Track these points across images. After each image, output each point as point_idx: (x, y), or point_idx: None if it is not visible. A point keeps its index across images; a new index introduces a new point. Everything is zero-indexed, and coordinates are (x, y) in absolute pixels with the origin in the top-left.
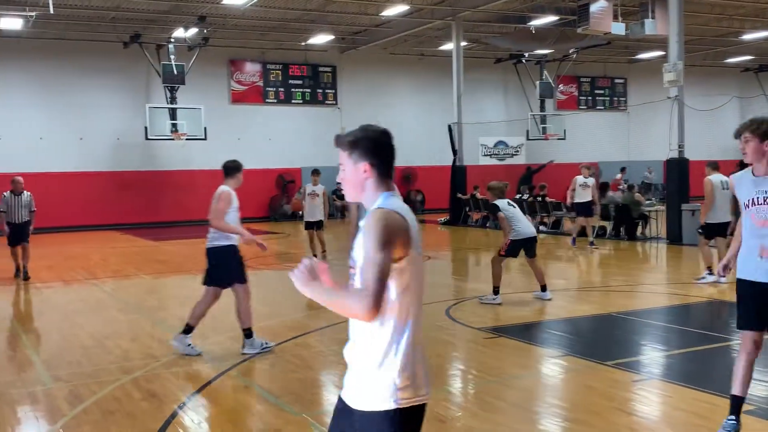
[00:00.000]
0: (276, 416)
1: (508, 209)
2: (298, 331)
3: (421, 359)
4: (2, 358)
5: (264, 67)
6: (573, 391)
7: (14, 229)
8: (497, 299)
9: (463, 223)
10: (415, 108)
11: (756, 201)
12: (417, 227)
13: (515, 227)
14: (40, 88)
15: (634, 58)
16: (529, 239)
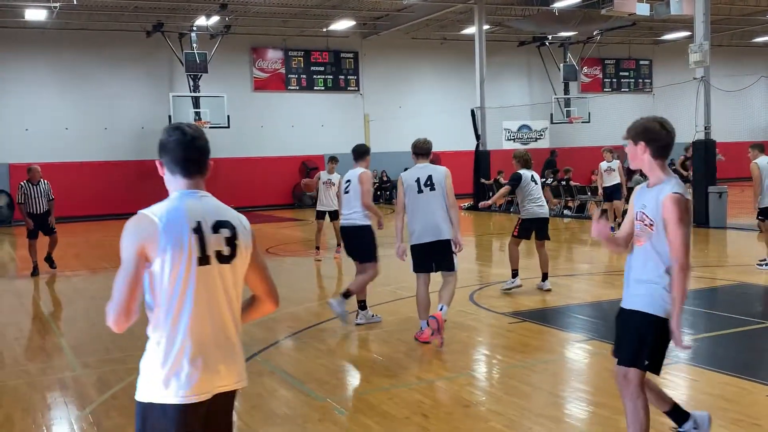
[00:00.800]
0: (301, 401)
1: (528, 184)
2: (322, 317)
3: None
4: (32, 345)
5: (286, 54)
6: (598, 375)
7: (35, 220)
8: (516, 281)
9: (486, 208)
10: (438, 93)
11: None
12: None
13: (526, 205)
14: (64, 78)
15: (659, 39)
16: (539, 220)
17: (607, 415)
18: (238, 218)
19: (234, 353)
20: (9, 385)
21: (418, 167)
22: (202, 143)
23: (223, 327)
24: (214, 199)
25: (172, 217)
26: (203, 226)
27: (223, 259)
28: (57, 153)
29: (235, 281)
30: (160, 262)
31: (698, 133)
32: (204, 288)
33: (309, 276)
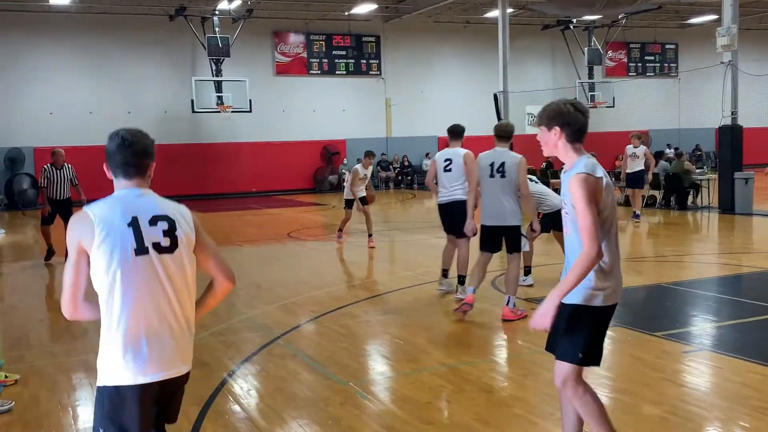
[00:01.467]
0: (323, 385)
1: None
2: (344, 302)
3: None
4: (57, 327)
5: (308, 38)
6: (621, 362)
7: (54, 206)
8: (528, 280)
9: None
10: (460, 77)
11: None
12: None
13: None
14: (88, 62)
15: (685, 22)
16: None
17: (630, 401)
18: (177, 211)
19: (177, 339)
20: (35, 366)
21: (496, 151)
22: (139, 148)
23: (165, 314)
24: (154, 195)
25: (106, 214)
26: (140, 221)
27: (162, 250)
28: (81, 137)
29: (178, 270)
30: (97, 254)
31: (725, 119)
32: (143, 277)
33: (330, 260)
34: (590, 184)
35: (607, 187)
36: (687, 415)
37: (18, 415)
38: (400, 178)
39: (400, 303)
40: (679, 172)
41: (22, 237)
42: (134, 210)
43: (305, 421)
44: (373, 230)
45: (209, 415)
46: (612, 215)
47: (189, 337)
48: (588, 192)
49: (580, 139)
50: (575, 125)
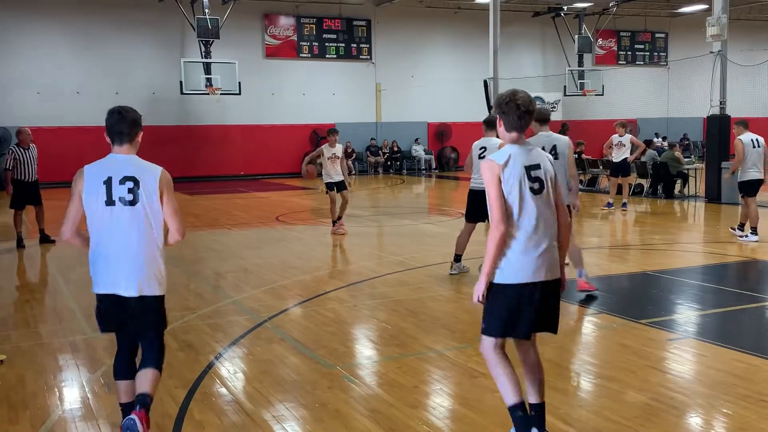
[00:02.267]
0: (310, 368)
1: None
2: (331, 286)
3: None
4: (44, 308)
5: (298, 21)
6: (607, 348)
7: (23, 189)
8: None
9: None
10: (450, 63)
11: None
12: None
13: None
14: (76, 42)
15: (676, 11)
16: None
17: (616, 388)
18: (146, 173)
19: (141, 269)
20: (21, 347)
21: (542, 135)
22: (129, 119)
23: (128, 248)
24: (133, 159)
25: (92, 171)
26: (112, 179)
27: (127, 203)
28: (68, 117)
29: (136, 218)
30: (85, 200)
31: (713, 108)
32: (111, 221)
33: (318, 245)
34: (488, 168)
35: (512, 173)
36: (671, 402)
37: (3, 396)
38: (389, 163)
39: (387, 288)
40: (667, 161)
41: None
42: (111, 171)
43: (292, 405)
44: (346, 214)
45: (196, 398)
46: (516, 201)
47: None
48: (486, 176)
49: (518, 128)
50: (507, 116)
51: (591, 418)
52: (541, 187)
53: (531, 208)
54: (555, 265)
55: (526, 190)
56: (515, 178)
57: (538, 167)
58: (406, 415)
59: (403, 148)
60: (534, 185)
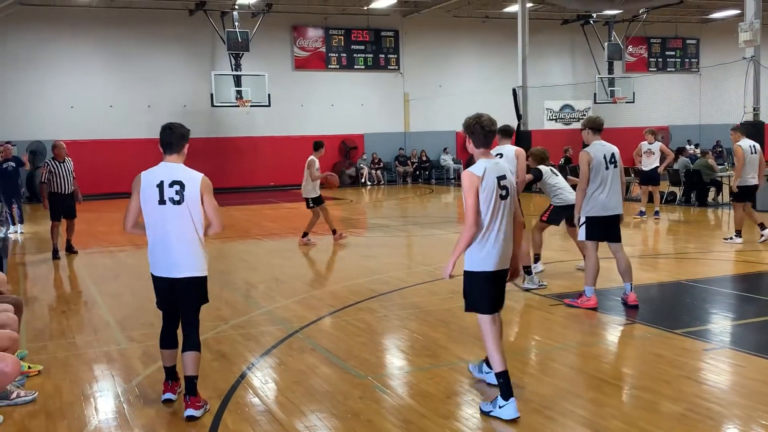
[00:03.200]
0: (341, 378)
1: (551, 177)
2: (362, 296)
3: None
4: (80, 319)
5: (326, 32)
6: (640, 358)
7: (59, 201)
8: (538, 267)
9: (527, 190)
10: (479, 72)
11: None
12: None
13: (559, 194)
14: (109, 56)
15: (707, 17)
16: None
17: (651, 398)
18: (189, 179)
19: (187, 256)
20: (58, 357)
21: (600, 144)
22: (177, 134)
23: (178, 239)
24: (179, 167)
25: (147, 176)
26: (164, 183)
27: (174, 203)
28: (102, 130)
29: (183, 215)
30: (142, 200)
31: (746, 115)
32: (162, 217)
33: (348, 255)
34: (467, 178)
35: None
36: (707, 412)
37: (41, 406)
38: (418, 173)
39: (417, 298)
40: (700, 169)
41: (44, 229)
42: (162, 175)
43: (324, 415)
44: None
45: (229, 408)
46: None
47: (192, 253)
48: (465, 184)
49: (484, 145)
50: (477, 135)
51: (625, 429)
52: (507, 194)
53: (500, 211)
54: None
55: (497, 197)
56: (491, 187)
57: (505, 177)
58: (438, 425)
59: (431, 158)
60: (502, 192)
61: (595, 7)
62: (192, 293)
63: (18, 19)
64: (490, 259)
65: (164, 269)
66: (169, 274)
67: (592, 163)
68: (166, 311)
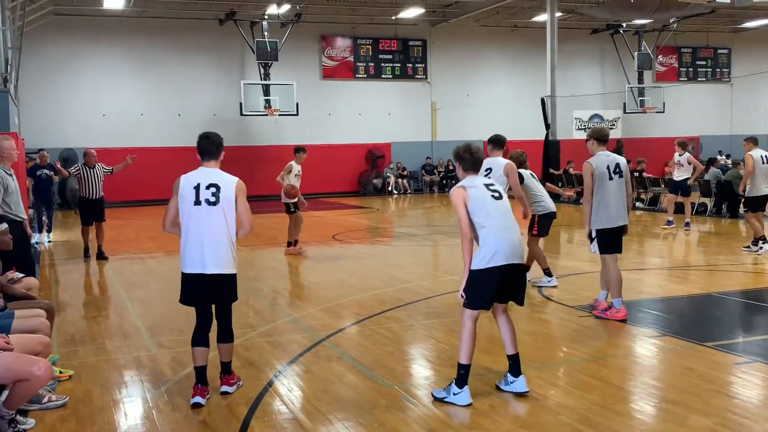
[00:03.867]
0: (368, 387)
1: (531, 181)
2: (388, 305)
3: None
4: (110, 324)
5: (354, 42)
6: (670, 371)
7: (88, 205)
8: (552, 281)
9: (555, 199)
10: (507, 81)
11: None
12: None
13: (540, 201)
14: (140, 66)
15: (739, 26)
16: (552, 214)
17: (680, 412)
18: (225, 182)
19: (218, 253)
20: (88, 362)
21: (604, 155)
22: (215, 142)
23: (212, 238)
24: (215, 171)
25: (186, 179)
26: (201, 185)
27: (210, 204)
28: (133, 138)
29: (218, 215)
30: (179, 201)
31: None
32: (199, 217)
33: (375, 263)
34: (454, 194)
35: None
36: (738, 427)
37: (72, 410)
38: (445, 182)
39: (444, 307)
40: (732, 180)
41: (75, 235)
42: (200, 179)
43: (351, 424)
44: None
45: (257, 415)
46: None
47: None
48: (456, 200)
49: (472, 170)
50: (465, 162)
51: None
52: (501, 196)
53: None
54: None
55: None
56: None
57: (492, 184)
58: None
59: None
60: (494, 194)
61: (625, 16)
62: (223, 289)
63: (52, 29)
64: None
65: (197, 266)
66: (203, 270)
67: (595, 173)
68: (198, 308)
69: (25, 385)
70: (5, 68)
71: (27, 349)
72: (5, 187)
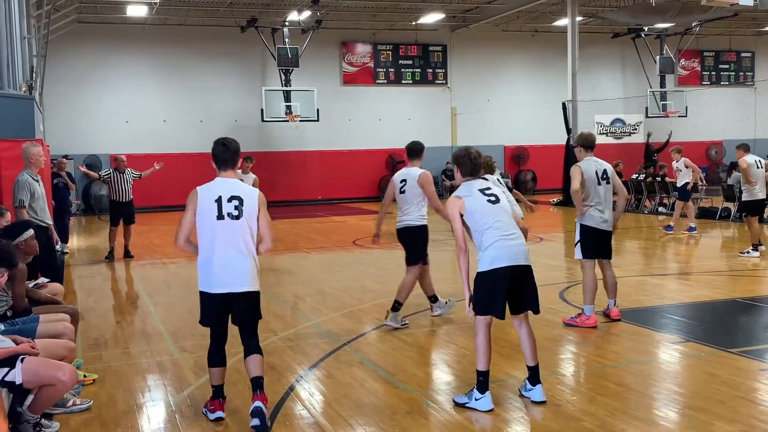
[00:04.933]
0: (389, 393)
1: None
2: (410, 310)
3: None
4: (133, 329)
5: (375, 48)
6: (694, 378)
7: (118, 207)
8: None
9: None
10: (527, 86)
11: None
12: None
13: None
14: (163, 72)
15: (762, 29)
16: None
17: (704, 419)
18: (247, 194)
19: (243, 270)
20: (112, 367)
21: (592, 160)
22: (231, 150)
23: (236, 252)
24: (236, 182)
25: (204, 191)
26: (222, 198)
27: (233, 218)
28: (155, 144)
29: (245, 229)
30: (198, 216)
31: None
32: (222, 232)
33: (395, 269)
34: (450, 204)
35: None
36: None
37: (96, 414)
38: None
39: (464, 313)
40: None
41: (98, 241)
42: (220, 191)
43: (372, 429)
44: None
45: (278, 419)
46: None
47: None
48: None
49: (471, 174)
50: (465, 167)
51: None
52: (497, 199)
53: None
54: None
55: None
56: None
57: (489, 188)
58: None
59: None
60: (491, 198)
61: (646, 20)
62: (249, 308)
63: (76, 36)
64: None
65: (221, 284)
66: (228, 289)
67: (585, 177)
68: (215, 329)
69: (51, 390)
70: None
71: (52, 353)
72: (32, 192)
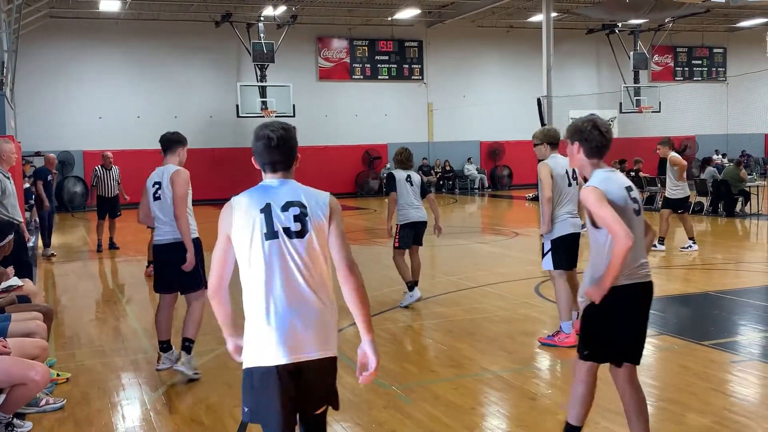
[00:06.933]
0: (366, 388)
1: (403, 186)
2: (386, 306)
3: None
4: (107, 327)
5: (351, 43)
6: (667, 370)
7: (104, 203)
8: (415, 294)
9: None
10: (503, 82)
11: None
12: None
13: (402, 209)
14: (136, 68)
15: (734, 26)
16: (419, 224)
17: (676, 411)
18: (313, 197)
19: (313, 321)
20: (85, 365)
21: (560, 158)
22: (286, 149)
23: (299, 294)
24: (293, 183)
25: (244, 202)
26: (272, 207)
27: (292, 235)
28: (129, 140)
29: (308, 254)
30: (235, 237)
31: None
32: (275, 259)
33: (372, 265)
34: (593, 194)
35: (618, 198)
36: (735, 426)
37: (69, 413)
38: (442, 183)
39: (441, 308)
40: (729, 179)
41: (72, 238)
42: (269, 197)
43: (348, 424)
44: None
45: None
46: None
47: (324, 316)
48: (593, 199)
49: (598, 155)
50: (592, 142)
51: None
52: (640, 210)
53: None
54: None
55: (631, 210)
56: (620, 197)
57: (632, 189)
58: None
59: (455, 168)
60: (635, 206)
61: (620, 16)
62: (323, 385)
63: (48, 31)
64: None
65: (282, 351)
66: (292, 358)
67: (554, 175)
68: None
69: (23, 389)
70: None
71: (24, 352)
72: (3, 189)
